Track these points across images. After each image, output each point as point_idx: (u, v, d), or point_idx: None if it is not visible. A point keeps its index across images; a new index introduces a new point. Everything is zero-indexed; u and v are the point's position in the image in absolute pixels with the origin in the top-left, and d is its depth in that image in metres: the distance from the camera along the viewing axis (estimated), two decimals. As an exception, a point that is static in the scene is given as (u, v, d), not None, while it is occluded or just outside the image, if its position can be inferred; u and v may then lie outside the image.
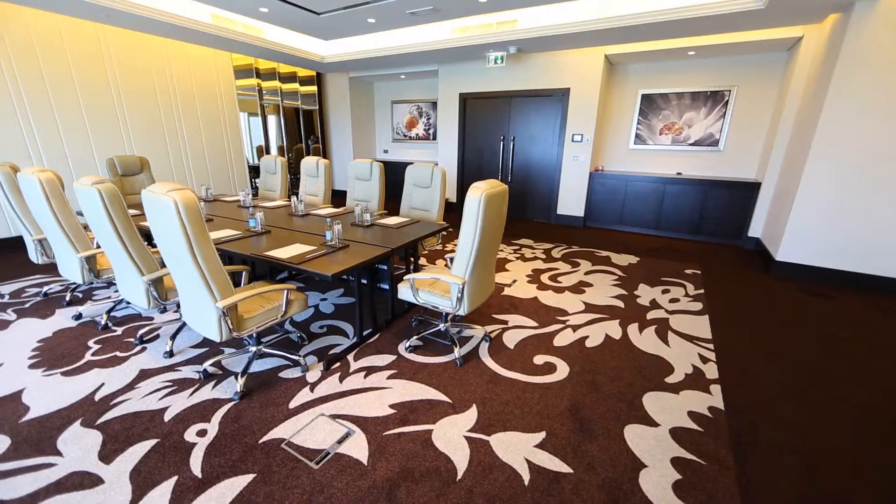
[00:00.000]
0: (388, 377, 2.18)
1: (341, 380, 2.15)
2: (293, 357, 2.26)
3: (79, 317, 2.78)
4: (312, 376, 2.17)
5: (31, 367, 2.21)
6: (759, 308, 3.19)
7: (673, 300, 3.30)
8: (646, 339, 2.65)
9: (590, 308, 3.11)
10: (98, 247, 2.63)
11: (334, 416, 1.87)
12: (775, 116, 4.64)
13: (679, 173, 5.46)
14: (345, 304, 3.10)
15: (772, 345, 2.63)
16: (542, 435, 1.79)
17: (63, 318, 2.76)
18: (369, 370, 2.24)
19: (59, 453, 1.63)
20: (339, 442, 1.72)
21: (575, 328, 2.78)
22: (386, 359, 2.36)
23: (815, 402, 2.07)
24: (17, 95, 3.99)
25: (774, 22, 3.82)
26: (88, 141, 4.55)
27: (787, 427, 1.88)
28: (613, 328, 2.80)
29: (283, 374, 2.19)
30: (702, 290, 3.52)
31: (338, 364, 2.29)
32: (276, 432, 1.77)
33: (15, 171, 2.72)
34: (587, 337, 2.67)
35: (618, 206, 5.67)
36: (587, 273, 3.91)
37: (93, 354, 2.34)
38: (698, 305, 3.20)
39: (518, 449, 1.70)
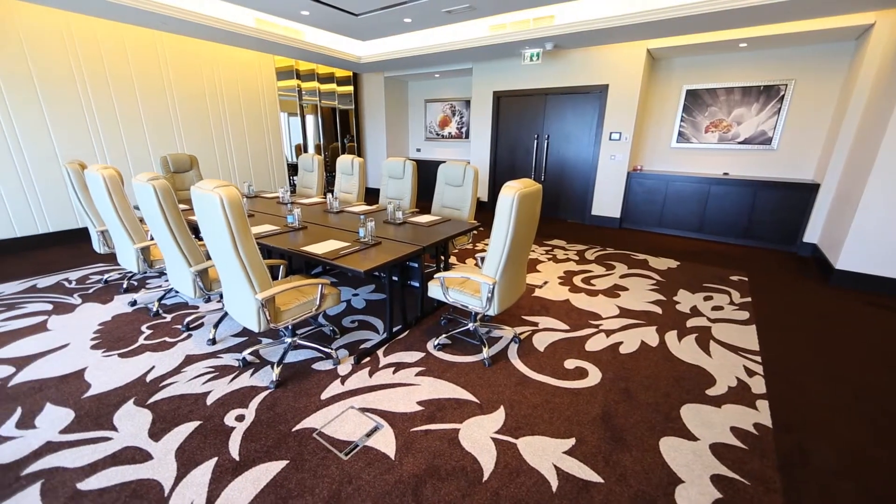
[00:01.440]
0: (417, 374, 2.20)
1: (371, 374, 2.19)
2: (326, 350, 2.33)
3: (134, 303, 3.00)
4: (343, 369, 2.23)
5: (93, 347, 2.41)
6: (815, 319, 2.95)
7: (716, 308, 3.11)
8: (685, 348, 2.52)
9: (625, 313, 3.00)
10: (152, 239, 2.83)
11: (363, 410, 1.91)
12: (838, 112, 4.27)
13: (726, 173, 5.15)
14: (376, 300, 3.16)
15: (828, 360, 2.43)
16: (571, 441, 1.74)
17: (120, 304, 2.99)
18: (398, 366, 2.27)
19: (114, 428, 1.77)
20: (368, 435, 1.75)
21: (608, 333, 2.69)
22: (415, 356, 2.38)
23: (876, 424, 1.89)
24: (87, 100, 4.36)
25: (846, 6, 3.48)
26: (145, 140, 4.90)
27: (842, 450, 1.73)
28: (650, 335, 2.68)
29: (316, 366, 2.26)
30: (749, 298, 3.30)
31: (368, 359, 2.34)
32: (308, 422, 1.83)
33: (83, 168, 2.97)
34: (621, 343, 2.57)
35: (657, 207, 5.43)
36: (622, 276, 3.77)
37: (145, 339, 2.52)
38: (744, 314, 3.01)
39: (546, 454, 1.67)
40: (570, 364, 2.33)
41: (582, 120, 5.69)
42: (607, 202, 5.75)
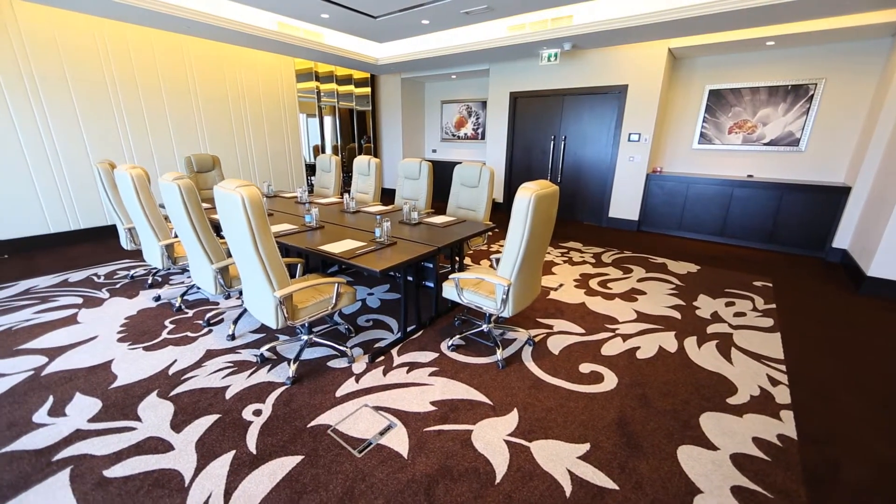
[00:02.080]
0: (430, 374, 2.21)
1: (385, 373, 2.21)
2: (341, 348, 2.36)
3: (158, 298, 3.11)
4: (358, 367, 2.26)
5: (119, 340, 2.50)
6: (845, 328, 2.83)
7: (738, 314, 3.02)
8: (705, 355, 2.46)
9: (642, 317, 2.94)
10: (176, 236, 2.92)
11: (377, 408, 1.92)
12: (872, 113, 4.09)
13: (750, 175, 5.00)
14: (390, 299, 3.18)
15: (858, 371, 2.33)
16: (586, 446, 1.72)
17: (145, 299, 3.10)
18: (412, 366, 2.28)
19: (139, 419, 1.83)
20: (381, 433, 1.77)
21: (625, 338, 2.64)
22: (428, 356, 2.39)
23: (913, 440, 1.80)
24: (117, 102, 4.53)
25: (883, 1, 3.32)
26: (171, 141, 5.07)
27: (875, 466, 1.65)
28: (668, 340, 2.62)
29: (331, 364, 2.29)
30: (773, 305, 3.19)
31: (382, 357, 2.36)
32: (323, 418, 1.85)
33: (112, 167, 3.09)
34: (638, 348, 2.52)
35: (677, 209, 5.30)
36: (640, 280, 3.70)
37: (168, 333, 2.60)
38: (768, 321, 2.91)
39: (560, 458, 1.65)
40: (585, 368, 2.29)
41: (600, 121, 5.61)
42: (625, 204, 5.65)
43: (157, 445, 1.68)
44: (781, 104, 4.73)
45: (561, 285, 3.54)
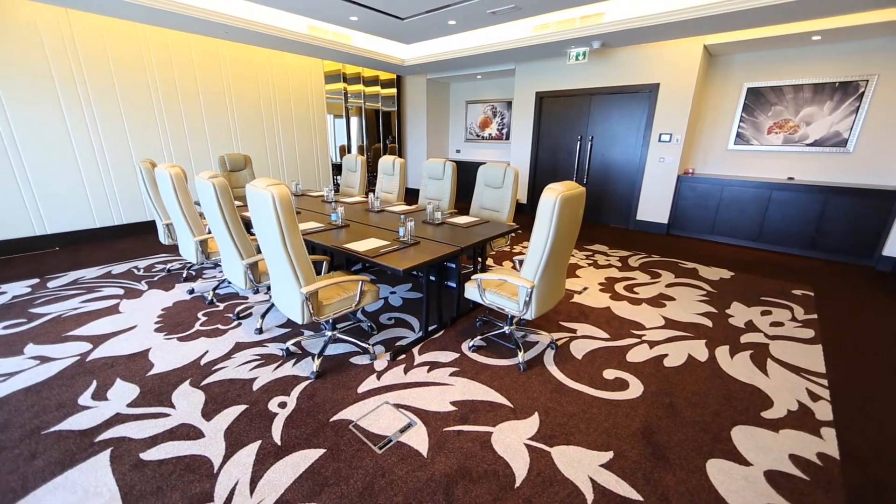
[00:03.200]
0: (451, 374, 2.21)
1: (406, 371, 2.23)
2: (363, 345, 2.40)
3: (192, 291, 3.25)
4: (379, 365, 2.28)
5: (156, 330, 2.63)
6: (894, 342, 2.64)
7: (775, 324, 2.87)
8: (738, 365, 2.35)
9: (671, 324, 2.84)
10: (209, 232, 3.05)
11: (398, 406, 1.94)
12: (931, 111, 3.80)
13: (791, 178, 4.74)
14: (412, 298, 3.20)
15: (911, 389, 2.16)
16: (609, 454, 1.67)
17: (180, 292, 3.25)
18: (433, 365, 2.29)
19: (172, 406, 1.92)
20: (402, 431, 1.78)
21: (652, 344, 2.56)
22: (449, 356, 2.39)
23: (974, 466, 1.66)
24: (158, 105, 4.78)
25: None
26: (206, 141, 5.29)
27: (928, 492, 1.53)
28: (698, 349, 2.52)
29: (354, 360, 2.33)
30: (814, 315, 3.02)
31: (403, 356, 2.38)
32: (345, 413, 1.89)
33: (153, 166, 3.26)
34: (666, 355, 2.44)
35: (710, 213, 5.09)
36: (669, 285, 3.57)
37: (201, 325, 2.72)
38: (809, 332, 2.75)
39: (582, 466, 1.62)
40: (609, 374, 2.24)
41: (629, 121, 5.46)
42: (654, 207, 5.48)
43: (188, 432, 1.76)
44: (828, 102, 4.46)
45: (585, 289, 3.47)
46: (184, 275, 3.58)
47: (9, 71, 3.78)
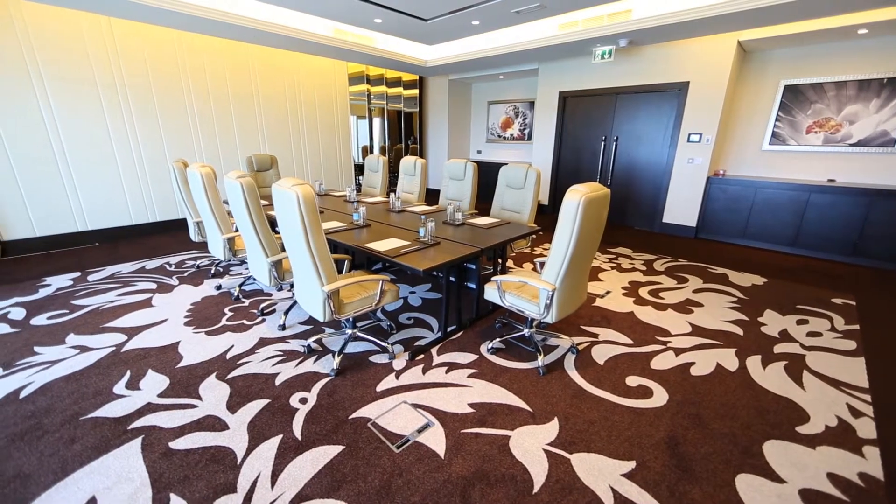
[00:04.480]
0: (469, 376, 2.20)
1: (424, 371, 2.23)
2: (382, 344, 2.42)
3: (219, 287, 3.36)
4: (398, 364, 2.30)
5: (186, 324, 2.74)
6: (948, 358, 2.46)
7: (812, 334, 2.72)
8: (771, 376, 2.23)
9: (698, 331, 2.74)
10: (236, 230, 3.14)
11: (416, 406, 1.95)
12: None
13: (831, 180, 4.49)
14: (432, 298, 3.21)
15: (966, 408, 2.00)
16: (631, 464, 1.63)
17: (208, 288, 3.37)
18: (451, 366, 2.29)
19: (199, 397, 1.99)
20: (419, 431, 1.78)
21: (678, 352, 2.47)
22: (467, 357, 2.38)
23: None
24: (190, 107, 4.98)
25: None
26: (235, 142, 5.47)
27: None
28: (728, 358, 2.42)
29: (373, 359, 2.35)
30: (856, 326, 2.84)
31: (422, 356, 2.39)
32: (364, 411, 1.91)
33: (185, 166, 3.39)
34: (693, 363, 2.35)
35: (741, 216, 4.88)
36: (696, 291, 3.45)
37: (227, 320, 2.81)
38: (850, 344, 2.59)
39: (602, 474, 1.58)
40: (632, 381, 2.17)
41: (656, 120, 5.30)
42: (681, 209, 5.29)
43: (214, 423, 1.82)
44: (874, 100, 4.20)
45: (608, 292, 3.39)
46: (212, 271, 3.71)
47: (59, 78, 4.02)
